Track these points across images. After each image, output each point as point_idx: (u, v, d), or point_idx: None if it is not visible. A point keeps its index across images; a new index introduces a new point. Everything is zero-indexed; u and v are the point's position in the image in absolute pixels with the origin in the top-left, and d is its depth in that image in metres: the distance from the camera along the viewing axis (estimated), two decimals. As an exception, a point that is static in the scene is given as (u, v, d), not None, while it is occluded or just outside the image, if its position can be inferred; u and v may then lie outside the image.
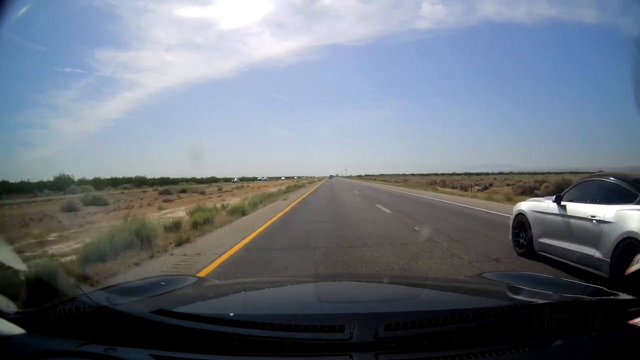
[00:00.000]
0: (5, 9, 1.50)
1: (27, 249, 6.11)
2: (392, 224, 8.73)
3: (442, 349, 1.06)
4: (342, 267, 4.73)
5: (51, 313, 1.13)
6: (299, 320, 1.13)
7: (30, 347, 1.07)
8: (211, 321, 1.11)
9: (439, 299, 1.64)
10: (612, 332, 1.13)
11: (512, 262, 4.85)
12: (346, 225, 8.65)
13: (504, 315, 1.19)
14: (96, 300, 1.22)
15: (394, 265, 4.75)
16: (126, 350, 1.04)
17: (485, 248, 5.68)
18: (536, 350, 1.07)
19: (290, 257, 5.41)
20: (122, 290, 1.64)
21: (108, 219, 12.09)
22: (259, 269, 4.76)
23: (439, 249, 5.73)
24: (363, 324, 1.08)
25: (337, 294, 1.75)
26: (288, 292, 1.81)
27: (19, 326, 1.11)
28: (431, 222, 8.96)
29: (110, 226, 6.53)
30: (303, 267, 4.76)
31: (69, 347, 1.06)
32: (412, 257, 5.14)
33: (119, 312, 1.14)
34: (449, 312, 1.23)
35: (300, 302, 1.59)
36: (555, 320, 1.10)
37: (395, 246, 5.97)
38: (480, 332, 1.10)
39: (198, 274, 4.13)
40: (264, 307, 1.46)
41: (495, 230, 7.06)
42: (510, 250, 5.32)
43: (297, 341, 1.06)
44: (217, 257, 5.26)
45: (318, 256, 5.34)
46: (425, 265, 4.73)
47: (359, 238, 6.74)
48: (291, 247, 6.20)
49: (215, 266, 4.82)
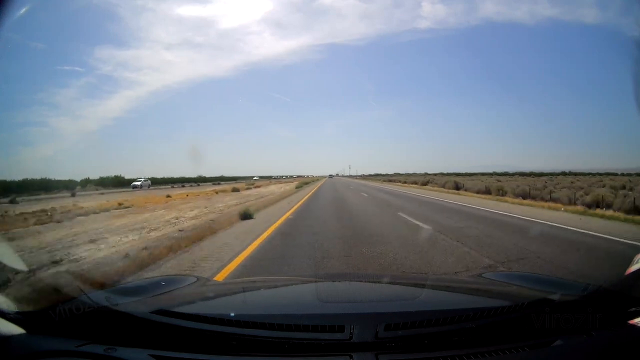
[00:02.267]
0: (6, 8, 1.49)
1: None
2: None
3: (442, 349, 1.06)
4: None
5: (51, 313, 1.13)
6: (299, 320, 1.13)
7: (30, 347, 1.07)
8: (211, 321, 1.11)
9: (439, 299, 1.64)
10: (612, 332, 1.12)
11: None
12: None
13: (504, 315, 1.19)
14: (96, 300, 1.22)
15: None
16: (126, 350, 1.04)
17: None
18: (536, 350, 1.07)
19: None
20: (122, 290, 1.65)
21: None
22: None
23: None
24: (363, 324, 1.08)
25: (337, 294, 1.75)
26: (288, 292, 1.81)
27: (19, 326, 1.11)
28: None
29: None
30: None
31: (69, 347, 1.06)
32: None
33: (119, 312, 1.14)
34: (449, 312, 1.23)
35: (300, 302, 1.58)
36: (555, 320, 1.10)
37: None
38: (480, 332, 1.10)
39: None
40: (264, 307, 1.46)
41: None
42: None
43: (297, 341, 1.06)
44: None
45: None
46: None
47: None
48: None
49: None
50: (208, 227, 7.81)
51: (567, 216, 10.39)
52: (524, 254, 5.23)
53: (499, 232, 7.27)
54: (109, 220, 11.10)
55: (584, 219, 9.72)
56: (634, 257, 1.71)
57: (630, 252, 4.99)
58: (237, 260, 4.90)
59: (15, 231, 9.14)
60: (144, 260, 4.82)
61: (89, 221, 11.30)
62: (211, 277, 3.84)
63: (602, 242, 6.32)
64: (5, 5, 1.51)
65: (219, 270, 4.38)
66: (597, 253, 5.49)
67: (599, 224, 8.60)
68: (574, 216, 10.41)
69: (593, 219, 9.82)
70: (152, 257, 5.01)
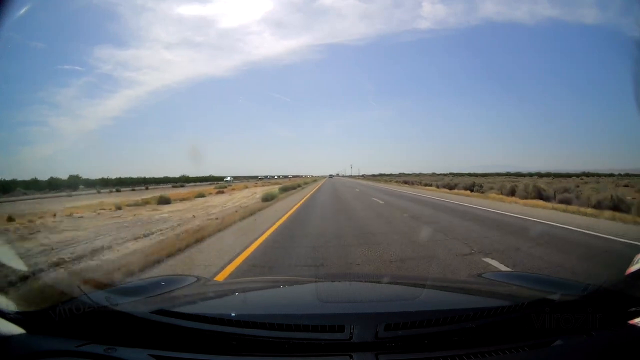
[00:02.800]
0: (6, 8, 1.50)
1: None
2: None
3: (442, 349, 1.06)
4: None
5: (51, 313, 1.13)
6: (299, 320, 1.13)
7: (30, 347, 1.07)
8: (211, 321, 1.11)
9: (439, 299, 1.64)
10: (612, 332, 1.12)
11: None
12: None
13: (504, 315, 1.19)
14: (96, 300, 1.22)
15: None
16: (126, 350, 1.04)
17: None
18: (536, 350, 1.07)
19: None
20: (122, 290, 1.65)
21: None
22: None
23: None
24: (363, 323, 1.08)
25: (337, 294, 1.75)
26: (288, 292, 1.81)
27: (19, 326, 1.11)
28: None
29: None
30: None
31: (69, 347, 1.06)
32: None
33: (119, 312, 1.14)
34: (449, 312, 1.23)
35: (300, 302, 1.58)
36: (555, 320, 1.10)
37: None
38: (480, 332, 1.10)
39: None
40: (264, 307, 1.45)
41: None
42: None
43: (297, 341, 1.06)
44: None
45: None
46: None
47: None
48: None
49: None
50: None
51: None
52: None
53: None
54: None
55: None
56: (634, 257, 1.71)
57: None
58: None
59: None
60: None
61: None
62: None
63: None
64: (5, 5, 1.51)
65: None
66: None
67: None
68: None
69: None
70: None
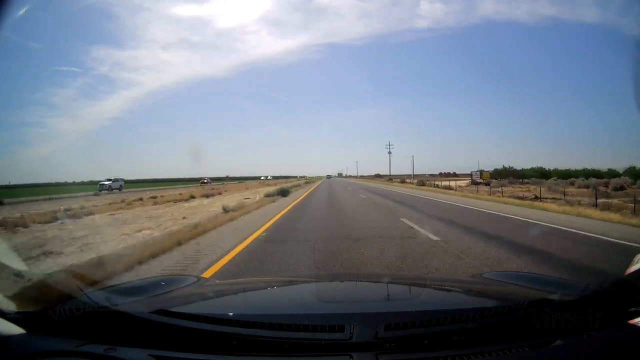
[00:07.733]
0: (5, 9, 1.49)
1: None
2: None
3: (442, 349, 1.06)
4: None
5: (51, 313, 1.13)
6: (299, 320, 1.13)
7: (30, 347, 1.07)
8: (211, 321, 1.11)
9: (439, 299, 1.64)
10: (612, 332, 1.12)
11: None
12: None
13: (504, 315, 1.19)
14: (96, 300, 1.22)
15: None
16: (126, 350, 1.04)
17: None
18: (536, 350, 1.07)
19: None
20: (122, 290, 1.64)
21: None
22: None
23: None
24: (363, 323, 1.08)
25: (337, 294, 1.75)
26: (288, 292, 1.81)
27: (19, 326, 1.11)
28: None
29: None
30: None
31: (69, 347, 1.06)
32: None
33: (119, 312, 1.14)
34: (449, 312, 1.23)
35: (300, 302, 1.58)
36: (555, 320, 1.10)
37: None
38: (480, 332, 1.10)
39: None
40: (264, 307, 1.45)
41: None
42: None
43: (297, 341, 1.06)
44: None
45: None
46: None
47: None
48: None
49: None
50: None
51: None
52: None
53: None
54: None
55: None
56: (634, 257, 1.71)
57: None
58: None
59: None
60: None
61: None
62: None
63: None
64: (5, 6, 1.51)
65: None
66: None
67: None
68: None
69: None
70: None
